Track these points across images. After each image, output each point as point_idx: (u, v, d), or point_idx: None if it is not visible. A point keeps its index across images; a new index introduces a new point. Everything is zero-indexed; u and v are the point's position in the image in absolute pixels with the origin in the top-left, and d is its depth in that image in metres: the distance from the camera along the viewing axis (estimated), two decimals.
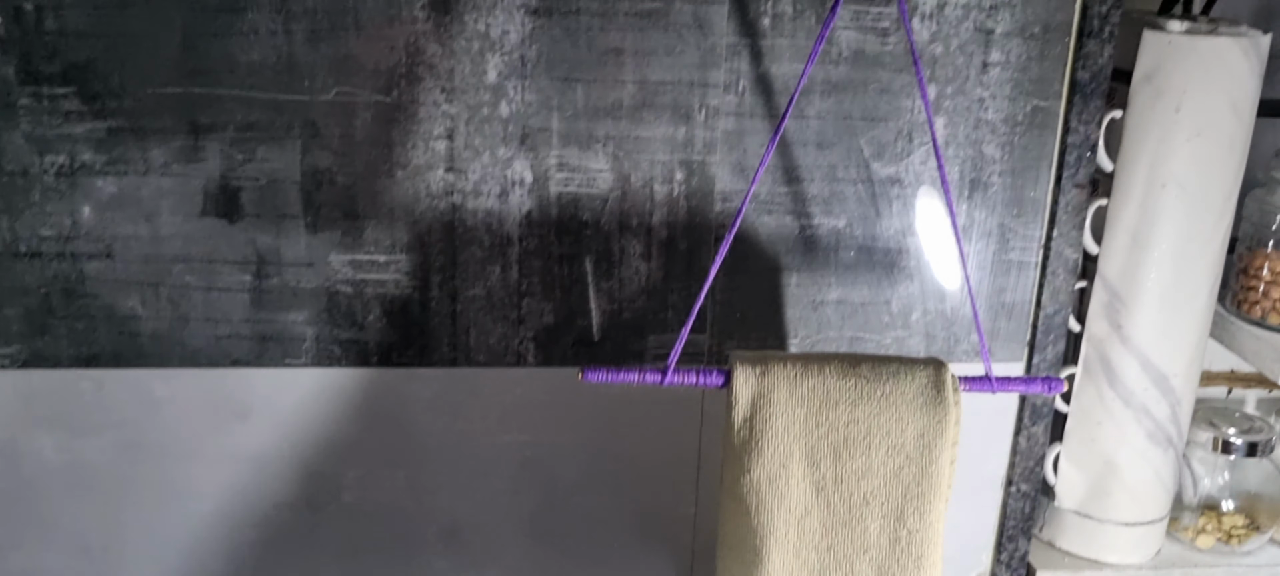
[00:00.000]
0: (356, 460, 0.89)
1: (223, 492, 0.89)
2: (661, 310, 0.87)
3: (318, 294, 0.84)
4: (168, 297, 0.83)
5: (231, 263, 0.83)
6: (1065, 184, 0.87)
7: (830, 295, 0.88)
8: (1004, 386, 0.75)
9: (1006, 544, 0.97)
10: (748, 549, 0.74)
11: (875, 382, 0.73)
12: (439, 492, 0.90)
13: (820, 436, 0.72)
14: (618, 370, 0.74)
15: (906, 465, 0.72)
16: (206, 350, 0.85)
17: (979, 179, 0.87)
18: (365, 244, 0.83)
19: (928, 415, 0.72)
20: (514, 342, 0.87)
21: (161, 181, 0.80)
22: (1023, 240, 0.89)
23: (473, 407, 0.88)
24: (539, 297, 0.86)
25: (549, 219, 0.84)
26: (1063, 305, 0.91)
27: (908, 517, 0.73)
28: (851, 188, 0.86)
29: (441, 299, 0.85)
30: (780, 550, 0.73)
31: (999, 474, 0.96)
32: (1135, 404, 0.93)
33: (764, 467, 0.72)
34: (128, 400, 0.85)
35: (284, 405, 0.87)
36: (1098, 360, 0.93)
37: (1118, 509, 0.96)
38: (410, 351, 0.86)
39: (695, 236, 0.85)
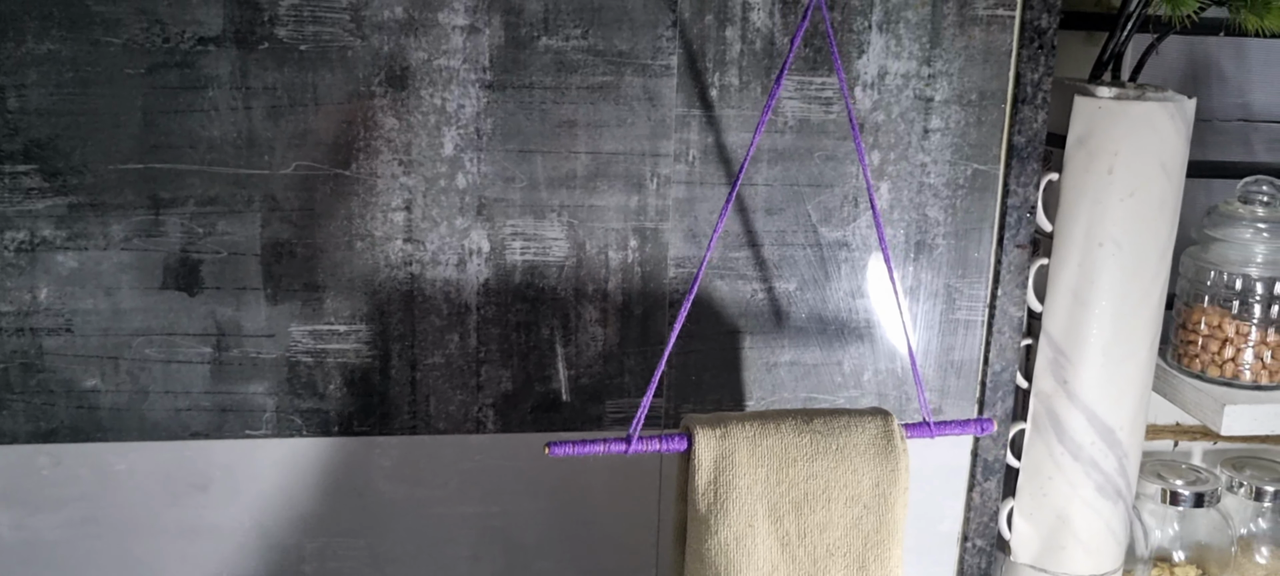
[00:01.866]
0: (317, 531, 0.89)
1: (182, 567, 0.88)
2: (619, 375, 0.89)
3: (278, 365, 0.85)
4: (127, 371, 0.84)
5: (191, 335, 0.84)
6: (1007, 244, 0.90)
7: (783, 357, 0.90)
8: (941, 430, 0.78)
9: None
10: None
11: (829, 437, 0.74)
12: (400, 561, 0.91)
13: (782, 493, 0.74)
14: (583, 443, 0.74)
15: (865, 514, 0.74)
16: (166, 423, 0.85)
17: (924, 241, 0.90)
18: (325, 314, 0.85)
19: (881, 464, 0.74)
20: (473, 409, 0.88)
21: (122, 256, 0.81)
22: (969, 300, 0.92)
23: (433, 475, 0.89)
24: (497, 364, 0.87)
25: (507, 287, 0.86)
26: (1010, 362, 0.93)
27: (870, 565, 0.74)
28: (801, 252, 0.88)
29: (401, 367, 0.86)
30: None
31: (954, 531, 0.97)
32: (1084, 457, 0.95)
33: (731, 528, 0.74)
34: (86, 475, 0.85)
35: (244, 477, 0.87)
36: (1046, 415, 0.95)
37: (1072, 562, 0.98)
38: (371, 420, 0.87)
39: (650, 301, 0.87)
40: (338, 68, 0.80)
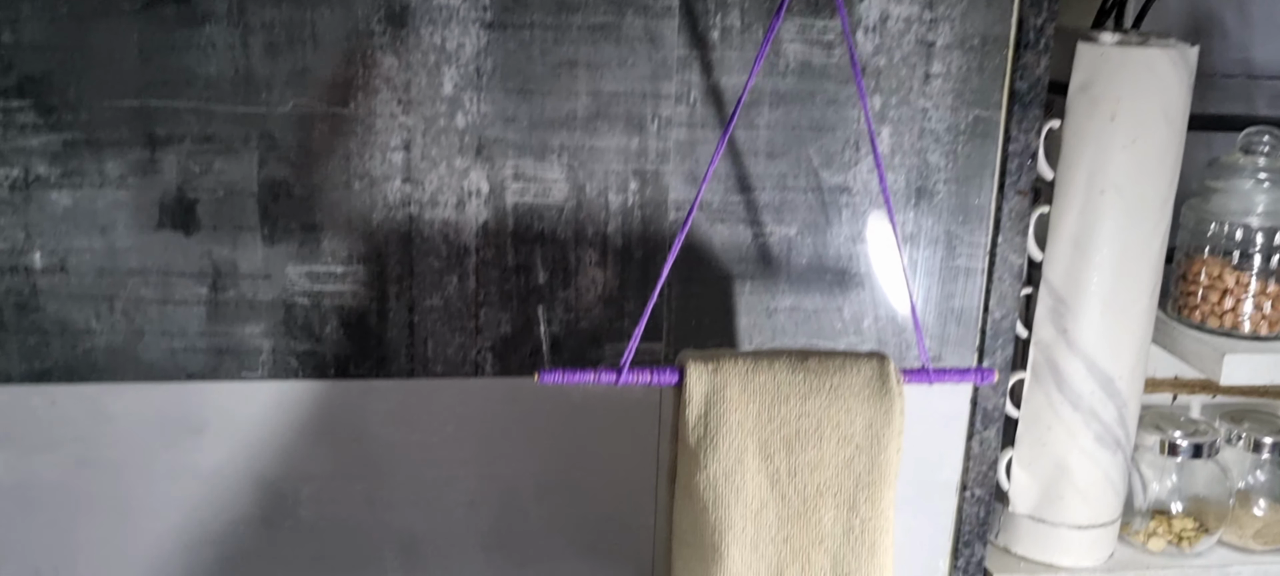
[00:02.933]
0: (313, 474, 0.88)
1: (178, 510, 0.88)
2: (618, 318, 0.88)
3: (274, 306, 0.84)
4: (122, 311, 0.83)
5: (187, 275, 0.83)
6: (1008, 191, 0.90)
7: (783, 302, 0.90)
8: (940, 377, 0.77)
9: (962, 549, 0.98)
10: (705, 545, 0.75)
11: (823, 376, 0.74)
12: (397, 506, 0.90)
13: (773, 430, 0.74)
14: (573, 371, 0.74)
15: (857, 455, 0.74)
16: (161, 364, 0.85)
17: (925, 187, 0.89)
18: (322, 255, 0.84)
19: (875, 406, 0.73)
20: (471, 353, 0.87)
21: (117, 194, 0.81)
22: (969, 247, 0.91)
23: (430, 419, 0.89)
24: (496, 307, 0.87)
25: (505, 229, 0.85)
26: (1010, 310, 0.93)
27: (860, 506, 0.74)
28: (801, 196, 0.88)
29: (399, 310, 0.86)
30: (738, 544, 0.74)
31: (953, 480, 0.97)
32: (1083, 407, 0.95)
33: (720, 463, 0.73)
34: (80, 416, 0.85)
35: (240, 419, 0.87)
36: (1045, 364, 0.95)
37: (1070, 512, 0.98)
38: (367, 363, 0.87)
39: (650, 245, 0.87)
40: (336, 5, 0.79)
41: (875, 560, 0.74)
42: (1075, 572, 0.99)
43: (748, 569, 0.75)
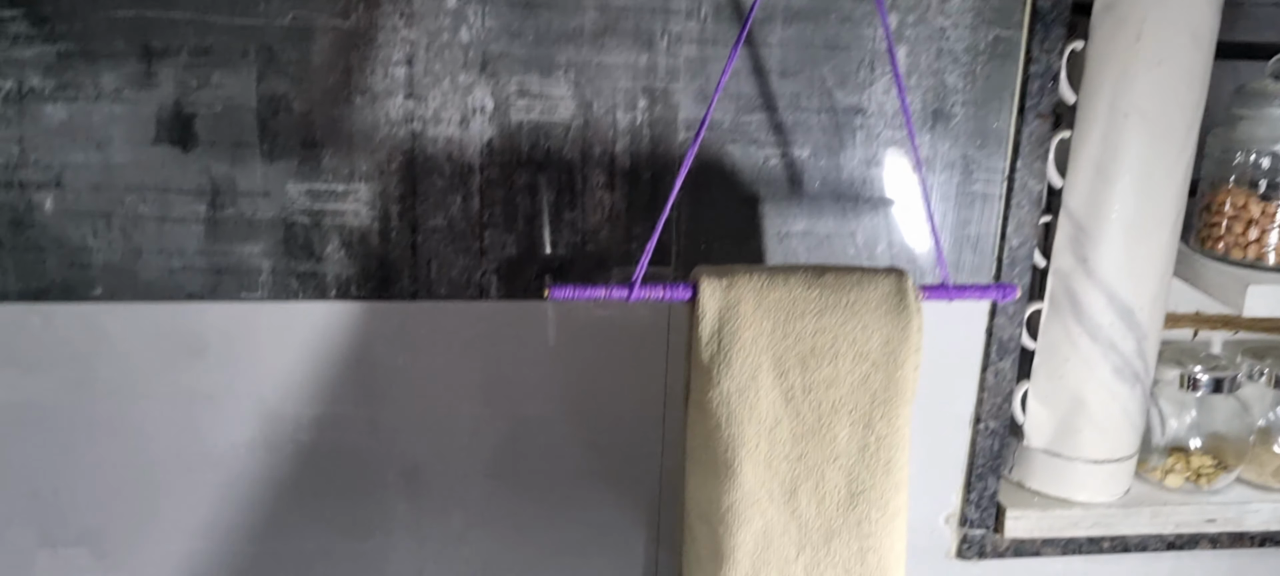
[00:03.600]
0: (314, 398, 0.87)
1: (177, 432, 0.86)
2: (625, 242, 0.86)
3: (274, 225, 0.83)
4: (120, 228, 0.81)
5: (185, 192, 0.81)
6: (1028, 114, 0.87)
7: (796, 226, 0.88)
8: (960, 293, 0.75)
9: (975, 482, 0.97)
10: (718, 462, 0.73)
11: (840, 292, 0.72)
12: (399, 432, 0.89)
13: (788, 346, 0.72)
14: (583, 287, 0.73)
15: (873, 372, 0.72)
16: (160, 283, 0.83)
17: (941, 109, 0.86)
18: (323, 173, 0.82)
19: (892, 322, 0.71)
20: (476, 275, 0.86)
21: (113, 108, 0.79)
22: (986, 172, 0.89)
23: (434, 343, 0.87)
24: (501, 228, 0.85)
25: (511, 148, 0.83)
26: (1027, 238, 0.90)
27: (876, 423, 0.72)
28: (815, 117, 0.85)
29: (401, 230, 0.84)
30: (752, 461, 0.72)
31: (967, 412, 0.95)
32: (1102, 338, 0.92)
33: (733, 379, 0.72)
34: (78, 335, 0.83)
35: (240, 341, 0.85)
36: (1064, 294, 0.93)
37: (1086, 446, 0.96)
38: (370, 284, 0.85)
39: (659, 165, 0.85)
40: None
41: (890, 477, 0.73)
42: (1090, 508, 0.97)
43: (760, 486, 0.73)
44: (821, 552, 0.75)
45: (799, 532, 0.74)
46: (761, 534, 0.74)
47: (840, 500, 0.74)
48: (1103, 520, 0.97)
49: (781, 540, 0.74)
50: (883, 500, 0.74)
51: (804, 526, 0.74)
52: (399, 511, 0.91)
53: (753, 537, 0.74)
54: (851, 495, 0.74)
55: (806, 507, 0.74)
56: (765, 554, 0.74)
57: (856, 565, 0.75)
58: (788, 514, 0.74)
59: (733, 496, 0.72)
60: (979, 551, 0.98)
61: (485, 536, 0.93)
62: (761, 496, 0.73)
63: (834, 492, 0.74)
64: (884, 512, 0.74)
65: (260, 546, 0.90)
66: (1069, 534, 0.97)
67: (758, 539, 0.74)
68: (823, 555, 0.75)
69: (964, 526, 0.98)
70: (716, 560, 0.74)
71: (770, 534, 0.74)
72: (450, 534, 0.92)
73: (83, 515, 0.88)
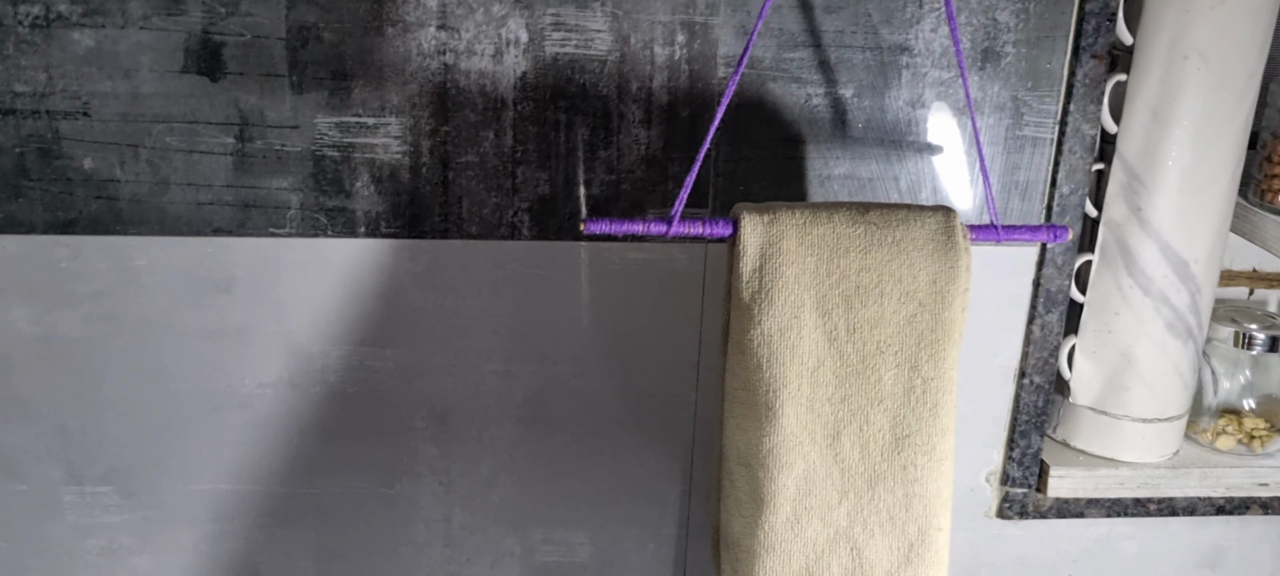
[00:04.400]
0: (342, 337, 0.85)
1: (204, 369, 0.85)
2: (661, 181, 0.84)
3: (303, 158, 0.81)
4: (147, 160, 0.80)
5: (213, 124, 0.80)
6: (1083, 55, 0.84)
7: (837, 168, 0.85)
8: (1010, 234, 0.73)
9: (1018, 440, 0.94)
10: (759, 404, 0.70)
11: (885, 229, 0.69)
12: (428, 374, 0.87)
13: (831, 285, 0.69)
14: (620, 221, 0.70)
15: (919, 312, 0.69)
16: (187, 217, 0.81)
17: (992, 48, 0.83)
18: (353, 105, 0.80)
19: (939, 260, 0.69)
20: (508, 214, 0.83)
21: (141, 35, 0.77)
22: (1038, 115, 0.85)
23: (464, 283, 0.85)
24: (534, 166, 0.82)
25: (545, 82, 0.81)
26: (1079, 185, 0.87)
27: (922, 365, 0.69)
28: (859, 55, 0.82)
29: (433, 166, 0.82)
30: (793, 403, 0.70)
31: (1011, 366, 0.92)
32: (1154, 292, 0.89)
33: (775, 319, 0.69)
34: (105, 269, 0.82)
35: (267, 277, 0.83)
36: (1115, 245, 0.89)
37: (1135, 404, 0.92)
38: (399, 221, 0.83)
39: (697, 103, 0.82)
40: None
41: (937, 421, 0.70)
42: (1137, 468, 0.94)
43: (802, 428, 0.71)
44: (865, 498, 0.73)
45: (842, 477, 0.72)
46: (803, 478, 0.71)
47: (885, 444, 0.72)
48: (1150, 481, 0.94)
49: (824, 484, 0.72)
50: (929, 444, 0.71)
51: (847, 471, 0.72)
52: (427, 455, 0.89)
53: (794, 481, 0.71)
54: (897, 439, 0.72)
55: (850, 451, 0.72)
56: (807, 499, 0.72)
57: (901, 511, 0.73)
58: (830, 458, 0.72)
59: (774, 439, 0.70)
60: (1020, 510, 0.96)
61: (514, 482, 0.91)
62: (803, 439, 0.71)
63: (878, 436, 0.71)
64: (930, 457, 0.71)
65: (287, 488, 0.89)
66: (1114, 494, 0.94)
67: (799, 483, 0.71)
68: (866, 500, 0.73)
69: (1005, 485, 0.95)
70: (756, 504, 0.72)
71: (812, 478, 0.72)
72: (479, 479, 0.90)
73: (110, 452, 0.87)
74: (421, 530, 0.92)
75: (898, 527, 0.73)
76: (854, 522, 0.73)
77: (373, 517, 0.91)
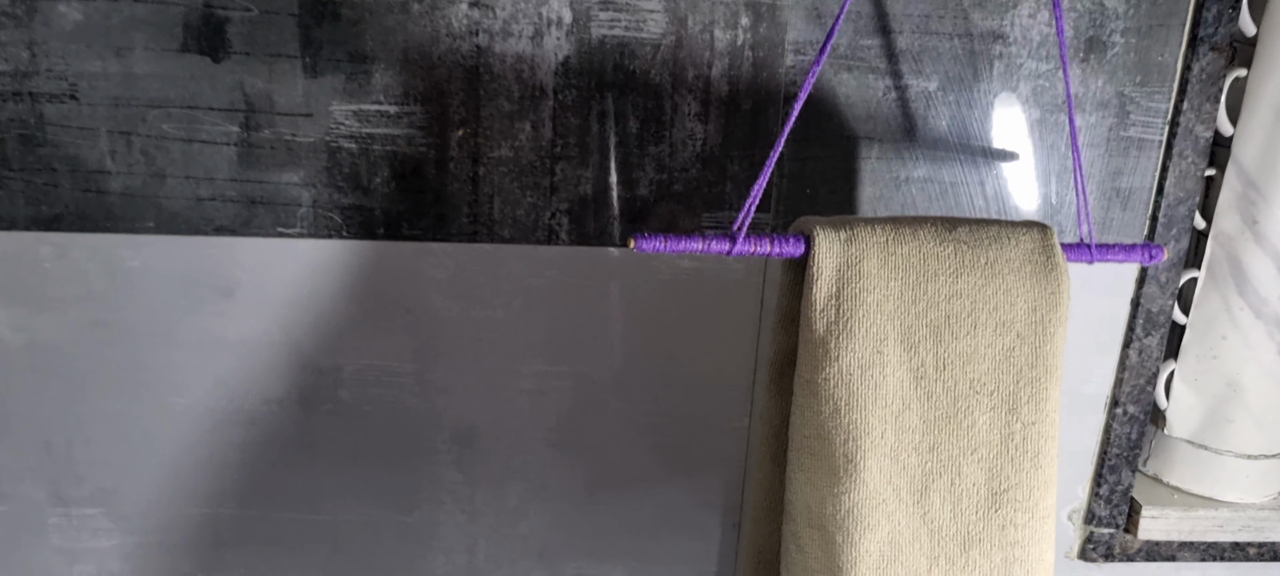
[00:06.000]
0: (358, 350, 0.77)
1: (203, 383, 0.77)
2: (719, 182, 0.74)
3: (316, 150, 0.72)
4: (141, 150, 0.71)
5: (215, 110, 0.71)
6: (1200, 47, 0.74)
7: (916, 171, 0.75)
8: (1103, 254, 0.64)
9: (1107, 476, 0.84)
10: (835, 455, 0.61)
11: (977, 249, 0.60)
12: (452, 391, 0.78)
13: (918, 313, 0.60)
14: (676, 237, 0.61)
15: (1018, 345, 0.59)
16: (186, 214, 0.73)
17: (1097, 38, 0.73)
18: (373, 92, 0.71)
19: (1039, 286, 0.59)
20: (545, 215, 0.74)
21: (135, 9, 0.68)
22: (1145, 114, 0.75)
23: (495, 291, 0.76)
24: (576, 162, 0.73)
25: (590, 68, 0.71)
26: (1190, 194, 0.77)
27: (1021, 407, 0.60)
28: (946, 43, 0.72)
29: (461, 160, 0.73)
30: (876, 453, 0.60)
31: (1102, 393, 0.83)
32: (1268, 315, 0.79)
33: (855, 354, 0.60)
34: (94, 270, 0.74)
35: (275, 282, 0.75)
36: (1225, 261, 0.79)
37: (1239, 438, 0.83)
38: (423, 222, 0.74)
39: (761, 94, 0.72)
40: None
41: (1039, 473, 0.61)
42: (1239, 509, 0.85)
43: (887, 483, 0.61)
44: (958, 564, 0.63)
45: (930, 540, 0.62)
46: (887, 542, 0.62)
47: (980, 500, 0.62)
48: (1252, 523, 0.85)
49: (911, 549, 0.62)
50: (1031, 501, 0.62)
51: (937, 532, 0.62)
52: (449, 480, 0.81)
53: (877, 547, 0.62)
54: (993, 494, 0.62)
55: (940, 509, 0.62)
56: (892, 566, 0.62)
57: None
58: (918, 517, 0.62)
59: (855, 497, 0.61)
60: (1105, 553, 0.86)
61: (545, 511, 0.82)
62: (888, 496, 0.61)
63: (972, 491, 0.62)
64: (1032, 515, 0.62)
65: (294, 514, 0.80)
66: (1211, 537, 0.85)
67: (883, 548, 0.62)
68: (959, 567, 0.63)
69: (1090, 524, 0.86)
70: (832, 573, 0.62)
71: (898, 542, 0.62)
72: (506, 507, 0.82)
73: (98, 472, 0.78)
74: (442, 562, 0.83)
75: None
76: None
77: (389, 548, 0.82)
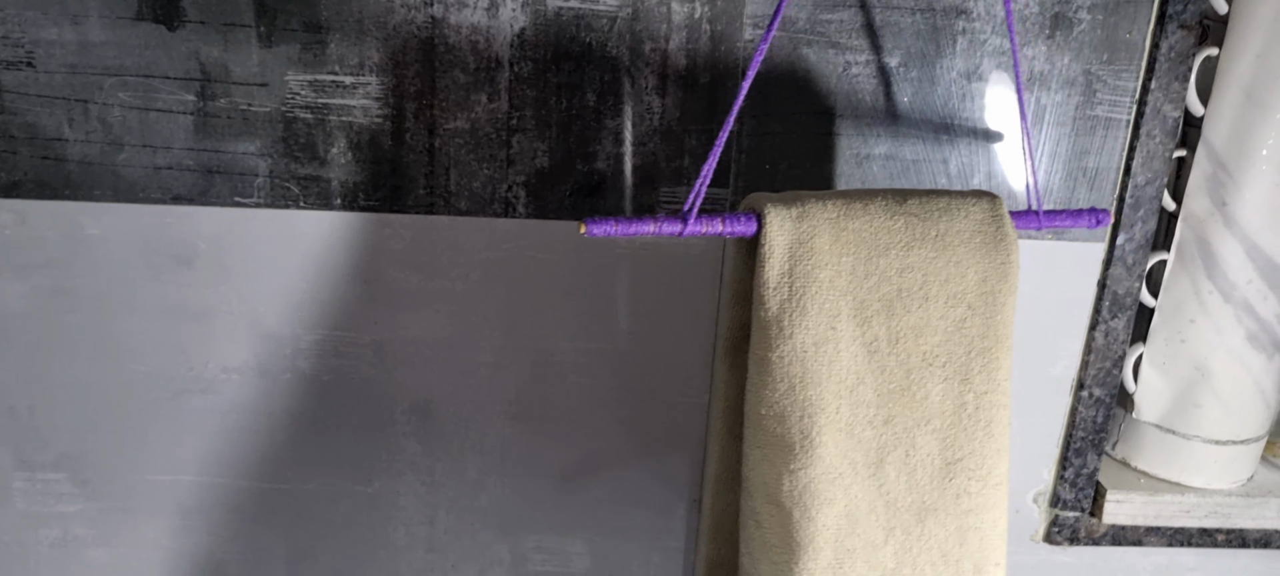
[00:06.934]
0: (316, 320, 0.77)
1: (163, 351, 0.77)
2: (677, 156, 0.74)
3: (272, 120, 0.72)
4: (98, 118, 0.71)
5: (172, 79, 0.71)
6: (1169, 24, 0.72)
7: (878, 148, 0.74)
8: (1051, 221, 0.63)
9: (1073, 459, 0.83)
10: (790, 432, 0.60)
11: (927, 222, 0.59)
12: (411, 363, 0.78)
13: (870, 288, 0.59)
14: (627, 220, 0.60)
15: (969, 316, 0.59)
16: (143, 183, 0.73)
17: (1063, 14, 0.72)
18: (329, 62, 0.70)
19: (989, 256, 0.59)
20: (501, 188, 0.74)
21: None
22: (1113, 92, 0.74)
23: (452, 263, 0.76)
24: (532, 135, 0.73)
25: (546, 40, 0.71)
26: (1157, 175, 0.76)
27: (973, 378, 0.60)
28: (908, 17, 0.71)
29: (417, 131, 0.72)
30: (831, 428, 0.60)
31: (1068, 376, 0.82)
32: (1236, 299, 0.78)
33: (809, 331, 0.59)
34: (54, 238, 0.74)
35: (233, 252, 0.75)
36: (1194, 244, 0.78)
37: (1207, 423, 0.82)
38: (380, 193, 0.74)
39: (720, 69, 0.72)
40: None
41: (992, 441, 0.60)
42: (1206, 495, 0.84)
43: (842, 457, 0.61)
44: (914, 533, 0.63)
45: (887, 511, 0.62)
46: (844, 515, 0.61)
47: (934, 471, 0.62)
48: (1220, 509, 0.84)
49: (867, 521, 0.62)
50: (984, 469, 0.62)
51: (892, 504, 0.62)
52: (409, 452, 0.81)
53: (834, 520, 0.61)
54: (947, 464, 0.62)
55: (895, 481, 0.62)
56: (850, 539, 0.62)
57: (955, 547, 0.63)
58: (873, 489, 0.62)
59: (810, 473, 0.60)
60: (1071, 536, 0.86)
61: (505, 485, 0.82)
62: (843, 470, 0.61)
63: (927, 462, 0.62)
64: (985, 483, 0.61)
65: (255, 482, 0.81)
66: (1178, 523, 0.84)
67: (840, 522, 0.61)
68: (915, 537, 0.63)
69: (1055, 507, 0.85)
70: (791, 548, 0.62)
71: (854, 514, 0.62)
72: (465, 480, 0.82)
73: (62, 438, 0.79)
74: (402, 532, 0.83)
75: (951, 565, 0.64)
76: (902, 563, 0.63)
77: (349, 517, 0.83)
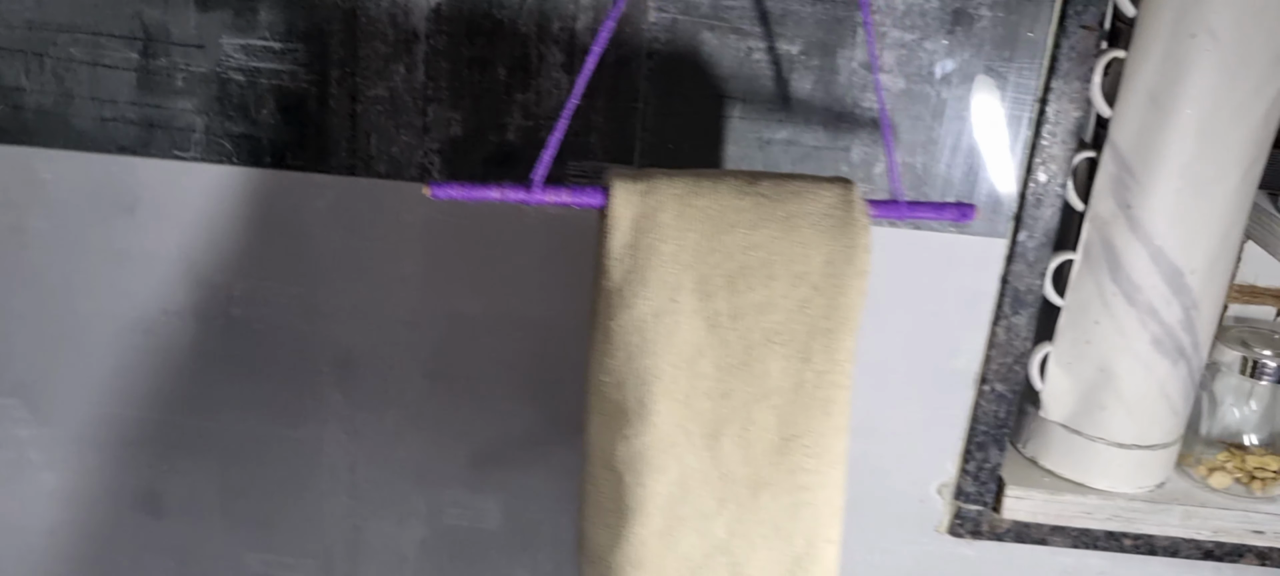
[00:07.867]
0: (248, 270, 0.82)
1: (108, 292, 0.83)
2: (584, 132, 0.77)
3: (208, 80, 0.77)
4: (52, 71, 0.77)
5: (118, 37, 0.76)
6: (1070, 24, 0.73)
7: (778, 134, 0.77)
8: (914, 211, 0.64)
9: (975, 452, 0.84)
10: (627, 399, 0.63)
11: (776, 202, 0.61)
12: (333, 316, 0.83)
13: (714, 264, 0.61)
14: (473, 186, 0.63)
15: (813, 296, 0.61)
16: (92, 133, 0.79)
17: (964, 10, 0.73)
18: (259, 27, 0.75)
19: (835, 239, 0.60)
20: (418, 154, 0.78)
21: None
22: (1015, 90, 0.75)
23: (372, 223, 0.80)
24: (447, 105, 0.77)
25: (460, 15, 0.74)
26: (1057, 174, 0.77)
27: (814, 355, 0.61)
28: (809, 7, 0.73)
29: (340, 97, 0.77)
30: (668, 398, 0.62)
31: (971, 370, 0.83)
32: (1140, 302, 0.78)
33: (649, 302, 0.62)
34: (12, 180, 0.80)
35: (172, 201, 0.80)
36: (1100, 245, 0.79)
37: (1112, 426, 0.82)
38: (306, 154, 0.78)
39: (625, 48, 0.75)
40: None
41: (830, 419, 0.62)
42: (1110, 498, 0.84)
43: (678, 427, 0.63)
44: (747, 506, 0.65)
45: (721, 483, 0.64)
46: (677, 484, 0.64)
47: (770, 446, 0.64)
48: (1123, 513, 0.84)
49: (700, 491, 0.64)
50: (820, 446, 0.63)
51: (727, 476, 0.64)
52: (332, 401, 0.85)
53: (666, 488, 0.64)
54: (783, 440, 0.64)
55: (731, 454, 0.64)
56: (681, 508, 0.64)
57: (787, 521, 0.65)
58: (708, 461, 0.64)
59: (644, 440, 0.63)
60: (973, 530, 0.87)
61: (422, 439, 0.86)
62: (678, 440, 0.63)
63: (763, 436, 0.64)
64: (821, 460, 0.63)
65: (191, 419, 0.86)
66: (1081, 524, 0.84)
67: (672, 490, 0.64)
68: (749, 509, 0.65)
69: (959, 499, 0.86)
70: (623, 513, 0.65)
71: (688, 484, 0.64)
72: (384, 432, 0.86)
73: (16, 366, 0.85)
74: (326, 477, 0.88)
75: (783, 539, 0.65)
76: (734, 534, 0.65)
77: (277, 459, 0.88)
